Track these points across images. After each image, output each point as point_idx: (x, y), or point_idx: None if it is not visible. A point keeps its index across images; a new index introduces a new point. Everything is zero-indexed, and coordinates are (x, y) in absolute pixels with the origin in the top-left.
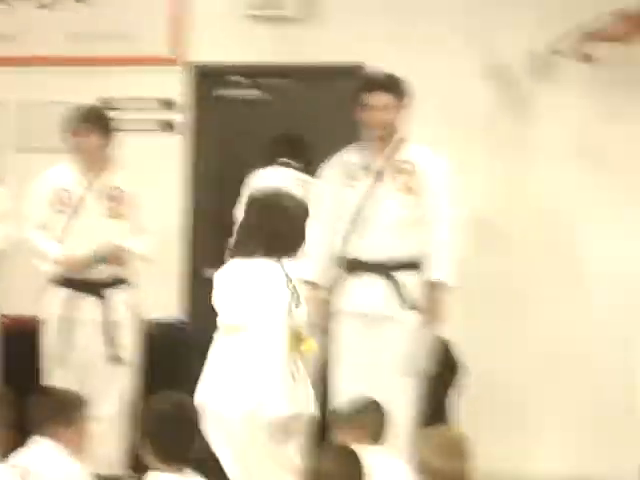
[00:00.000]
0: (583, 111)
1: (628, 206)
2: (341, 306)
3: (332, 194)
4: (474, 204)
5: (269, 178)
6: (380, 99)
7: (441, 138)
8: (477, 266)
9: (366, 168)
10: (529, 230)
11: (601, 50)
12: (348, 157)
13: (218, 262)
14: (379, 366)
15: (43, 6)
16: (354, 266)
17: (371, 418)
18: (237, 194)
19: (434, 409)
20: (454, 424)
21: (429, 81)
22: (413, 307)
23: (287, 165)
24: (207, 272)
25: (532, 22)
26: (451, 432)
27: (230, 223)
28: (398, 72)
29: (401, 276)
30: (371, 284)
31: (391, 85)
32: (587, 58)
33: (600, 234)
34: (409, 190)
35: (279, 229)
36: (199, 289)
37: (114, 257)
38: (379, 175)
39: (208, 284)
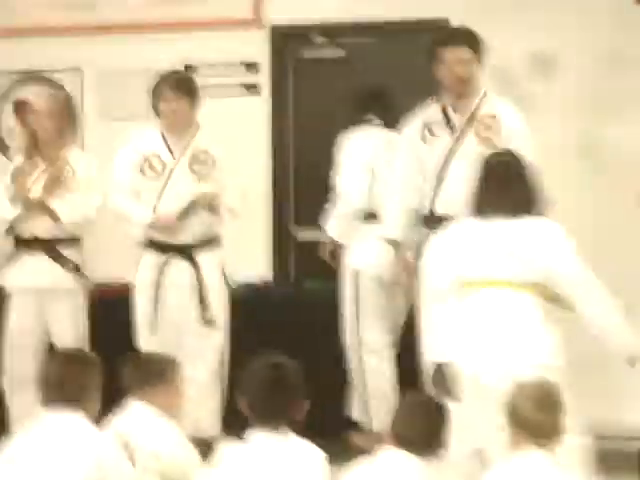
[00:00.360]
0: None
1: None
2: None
3: (412, 151)
4: None
5: (362, 141)
6: (458, 53)
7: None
8: None
9: (447, 124)
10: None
11: None
12: (428, 113)
13: (307, 222)
14: None
15: None
16: (438, 223)
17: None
18: (323, 154)
19: None
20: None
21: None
22: None
23: (376, 123)
24: (295, 233)
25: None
26: (545, 384)
27: (317, 183)
28: None
29: None
30: None
31: (468, 39)
32: None
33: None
34: (492, 145)
35: (529, 189)
36: (287, 250)
37: (206, 203)
38: (461, 131)
39: (296, 245)
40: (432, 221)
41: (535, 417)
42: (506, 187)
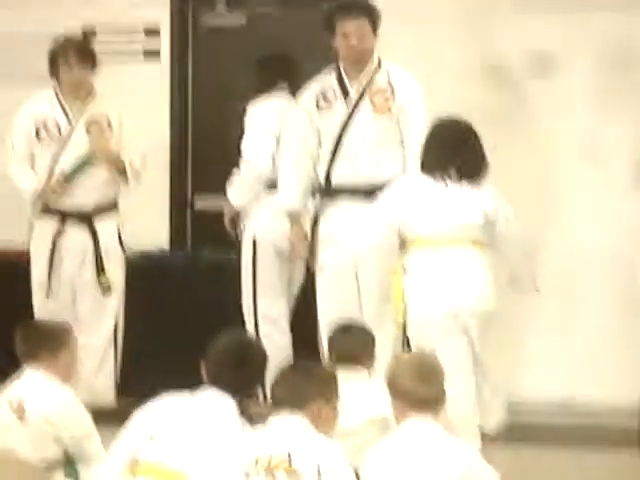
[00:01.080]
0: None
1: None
2: (324, 234)
3: (307, 119)
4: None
5: (268, 108)
6: (354, 24)
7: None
8: None
9: (342, 92)
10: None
11: None
12: (324, 81)
13: (205, 191)
14: (362, 292)
15: None
16: (335, 192)
17: (357, 340)
18: (223, 122)
19: None
20: None
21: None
22: None
23: (283, 88)
24: (194, 201)
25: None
26: (424, 356)
27: (216, 152)
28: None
29: None
30: (352, 210)
31: (364, 10)
32: None
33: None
34: (385, 111)
35: (478, 154)
36: (184, 218)
37: (107, 156)
38: (356, 100)
39: (193, 213)
40: (329, 191)
41: (415, 388)
42: (458, 151)
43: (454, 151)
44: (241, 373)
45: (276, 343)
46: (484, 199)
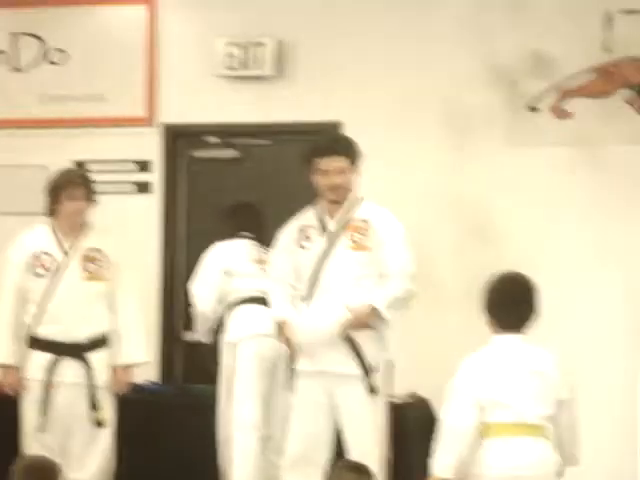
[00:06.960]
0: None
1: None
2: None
3: (286, 254)
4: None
5: (224, 248)
6: (332, 163)
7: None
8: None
9: (321, 229)
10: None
11: (577, 106)
12: (304, 219)
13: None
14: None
15: (17, 69)
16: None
17: None
18: None
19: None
20: None
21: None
22: (370, 369)
23: (246, 237)
24: (185, 335)
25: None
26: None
27: None
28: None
29: (359, 336)
30: (330, 344)
31: (343, 149)
32: (565, 114)
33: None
34: (363, 248)
35: None
36: (176, 352)
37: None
38: (333, 235)
39: (185, 346)
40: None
41: None
42: None
43: None
44: None
45: (247, 453)
46: None
